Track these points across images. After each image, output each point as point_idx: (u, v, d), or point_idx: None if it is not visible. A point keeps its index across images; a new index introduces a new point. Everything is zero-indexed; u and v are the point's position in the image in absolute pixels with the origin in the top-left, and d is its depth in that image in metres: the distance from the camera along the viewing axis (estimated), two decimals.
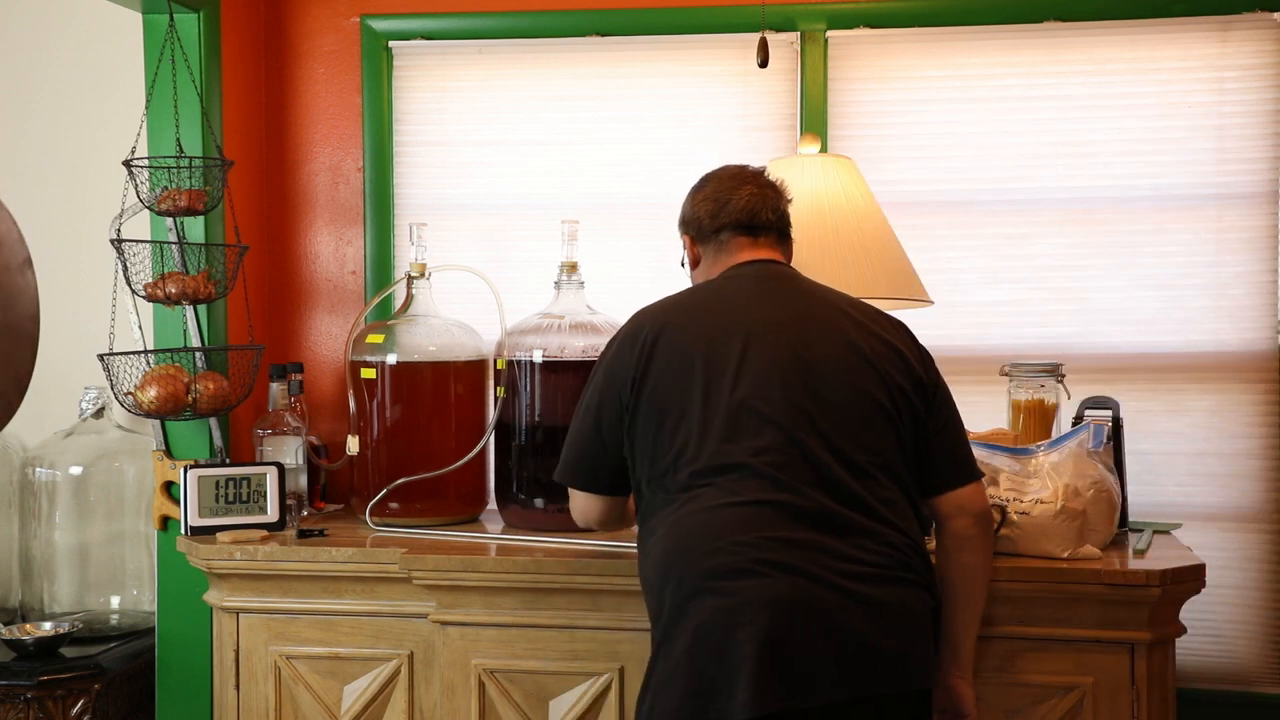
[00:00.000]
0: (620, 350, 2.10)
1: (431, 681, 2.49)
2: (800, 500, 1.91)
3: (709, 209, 2.19)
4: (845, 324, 2.06)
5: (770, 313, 2.06)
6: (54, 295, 2.93)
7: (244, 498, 2.66)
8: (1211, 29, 2.89)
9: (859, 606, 1.87)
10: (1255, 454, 2.89)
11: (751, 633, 1.83)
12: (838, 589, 1.87)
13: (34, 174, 3.18)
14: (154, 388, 2.59)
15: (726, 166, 2.25)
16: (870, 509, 1.95)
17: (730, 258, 2.18)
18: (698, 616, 1.88)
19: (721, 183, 2.21)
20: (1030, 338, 2.96)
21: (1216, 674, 2.90)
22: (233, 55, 2.96)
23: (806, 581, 1.86)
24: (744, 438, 1.95)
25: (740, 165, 2.24)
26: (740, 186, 2.19)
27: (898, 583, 1.92)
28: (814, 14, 2.98)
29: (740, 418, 1.96)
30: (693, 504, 1.95)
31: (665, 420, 2.01)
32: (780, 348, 2.01)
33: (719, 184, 2.21)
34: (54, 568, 2.96)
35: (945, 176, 2.99)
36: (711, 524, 1.91)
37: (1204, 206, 2.90)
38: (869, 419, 2.00)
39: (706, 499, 1.94)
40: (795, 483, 1.92)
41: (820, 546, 1.89)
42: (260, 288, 3.09)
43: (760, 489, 1.92)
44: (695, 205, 2.22)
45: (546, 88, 3.11)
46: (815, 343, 2.02)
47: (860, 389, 2.00)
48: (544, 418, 2.69)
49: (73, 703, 2.65)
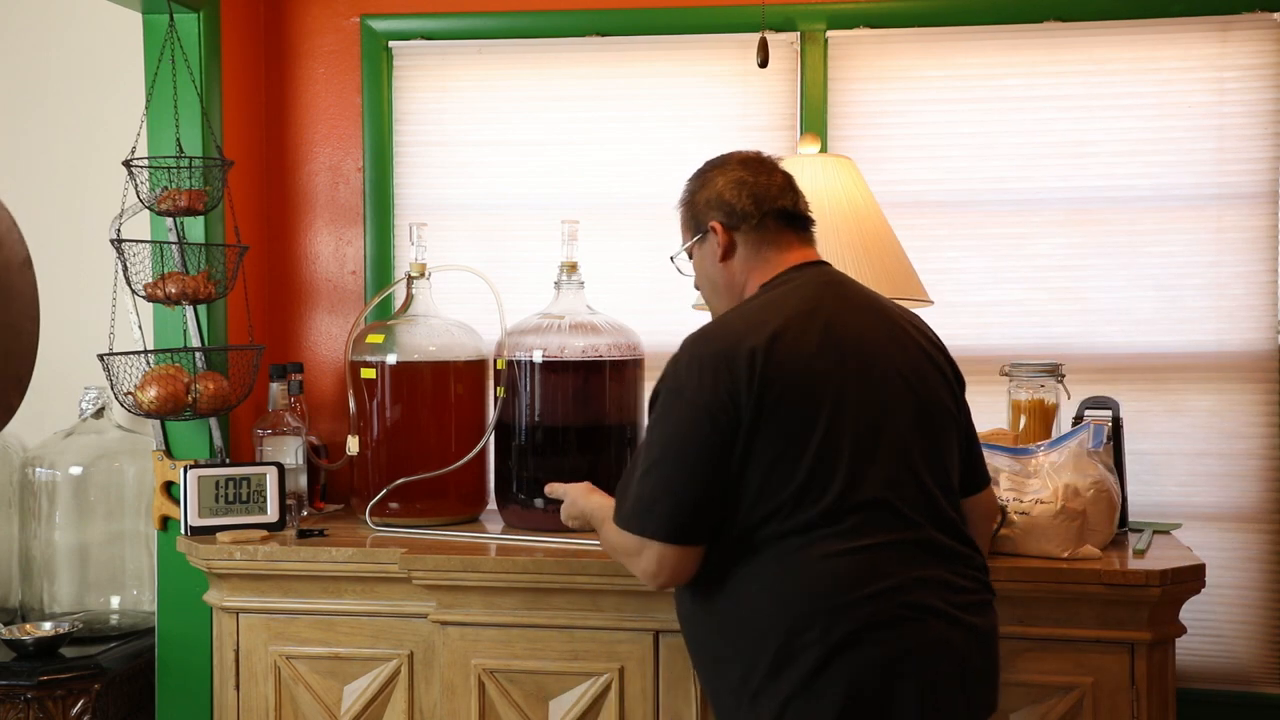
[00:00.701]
0: (714, 377, 1.81)
1: (431, 681, 2.48)
2: (921, 534, 1.82)
3: (749, 193, 1.98)
4: (912, 332, 1.97)
5: (863, 328, 1.90)
6: (54, 295, 2.92)
7: (244, 498, 2.66)
8: (1211, 29, 2.89)
9: (973, 638, 1.83)
10: (1255, 454, 2.89)
11: (911, 684, 1.75)
12: (961, 624, 1.81)
13: (34, 174, 3.18)
14: (154, 388, 2.59)
15: (737, 151, 2.07)
16: (960, 533, 1.89)
17: (781, 255, 1.98)
18: (851, 670, 1.75)
19: (748, 166, 2.02)
20: (1030, 338, 2.95)
21: (1216, 674, 2.90)
22: (233, 55, 2.96)
23: (943, 623, 1.79)
24: (870, 470, 1.80)
25: (753, 150, 2.08)
26: (772, 173, 2.02)
27: (986, 607, 1.88)
28: (814, 14, 2.98)
29: (864, 447, 1.81)
30: (823, 545, 1.77)
31: (785, 453, 1.79)
32: (886, 367, 1.87)
33: (746, 168, 2.02)
34: (54, 568, 2.96)
35: (945, 176, 2.99)
36: (853, 569, 1.77)
37: (1204, 206, 2.90)
38: (949, 436, 1.93)
39: (839, 540, 1.77)
40: (917, 516, 1.82)
41: (942, 581, 1.81)
42: (260, 288, 3.09)
43: (891, 526, 1.80)
44: (725, 189, 1.99)
45: (546, 88, 3.11)
46: (908, 360, 1.91)
47: (944, 405, 1.93)
48: (544, 418, 2.69)
49: (73, 703, 2.65)
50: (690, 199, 2.04)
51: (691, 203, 2.04)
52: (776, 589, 1.78)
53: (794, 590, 1.77)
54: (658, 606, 2.38)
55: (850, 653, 1.75)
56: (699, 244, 2.04)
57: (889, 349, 1.90)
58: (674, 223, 2.22)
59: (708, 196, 2.01)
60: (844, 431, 1.80)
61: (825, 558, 1.77)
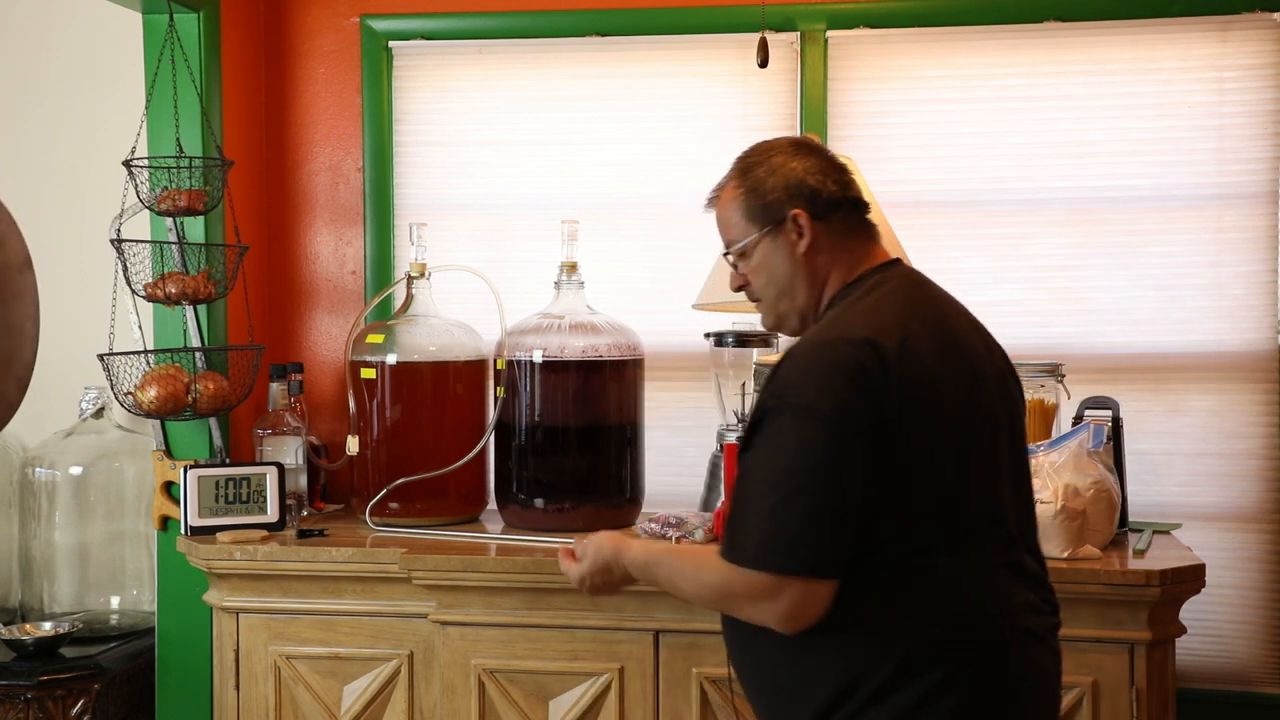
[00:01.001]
0: (853, 388, 1.60)
1: (431, 681, 2.48)
2: (1019, 554, 1.72)
3: (833, 179, 1.77)
4: (989, 337, 1.84)
5: (960, 333, 1.75)
6: (54, 295, 2.92)
7: (244, 498, 2.66)
8: (1211, 29, 2.89)
9: (1056, 664, 1.76)
10: (1255, 454, 2.89)
11: (1022, 710, 1.67)
12: (1050, 649, 1.74)
13: (34, 174, 3.18)
14: (154, 388, 2.59)
15: (780, 137, 1.86)
16: (1040, 554, 1.79)
17: (866, 249, 1.79)
18: (969, 694, 1.63)
19: (815, 151, 1.81)
20: (1030, 338, 2.95)
21: (1216, 674, 2.90)
22: (233, 55, 2.96)
23: (1040, 647, 1.71)
24: (987, 485, 1.68)
25: (798, 135, 1.90)
26: (836, 157, 1.82)
27: (1057, 631, 1.79)
28: (814, 14, 2.98)
29: (982, 462, 1.68)
30: (947, 565, 1.64)
31: (917, 466, 1.63)
32: (987, 376, 1.74)
33: (815, 153, 1.80)
34: (54, 568, 2.96)
35: (945, 176, 2.98)
36: (976, 590, 1.65)
37: (1204, 206, 2.90)
38: (1025, 449, 1.84)
39: (961, 559, 1.65)
40: (1016, 534, 1.72)
41: (1033, 605, 1.72)
42: (260, 288, 3.09)
43: (1003, 545, 1.69)
44: (806, 174, 1.75)
45: (546, 88, 3.10)
46: (996, 368, 1.78)
47: (1022, 417, 1.82)
48: (544, 418, 2.69)
49: (73, 703, 2.65)
50: (758, 186, 1.77)
51: (759, 190, 1.77)
52: (894, 612, 1.62)
53: (916, 612, 1.62)
54: (658, 606, 2.38)
55: (970, 672, 1.63)
56: (769, 236, 1.77)
57: (985, 357, 1.76)
58: (672, 223, 2.19)
59: (783, 181, 1.75)
60: (967, 445, 1.66)
61: (950, 579, 1.64)
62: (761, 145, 1.82)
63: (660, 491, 2.91)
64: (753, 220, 1.78)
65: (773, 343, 2.80)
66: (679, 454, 3.02)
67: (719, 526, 2.47)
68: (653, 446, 2.89)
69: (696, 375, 3.01)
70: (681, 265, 2.98)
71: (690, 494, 2.87)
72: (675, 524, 2.55)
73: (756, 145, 1.83)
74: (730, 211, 1.82)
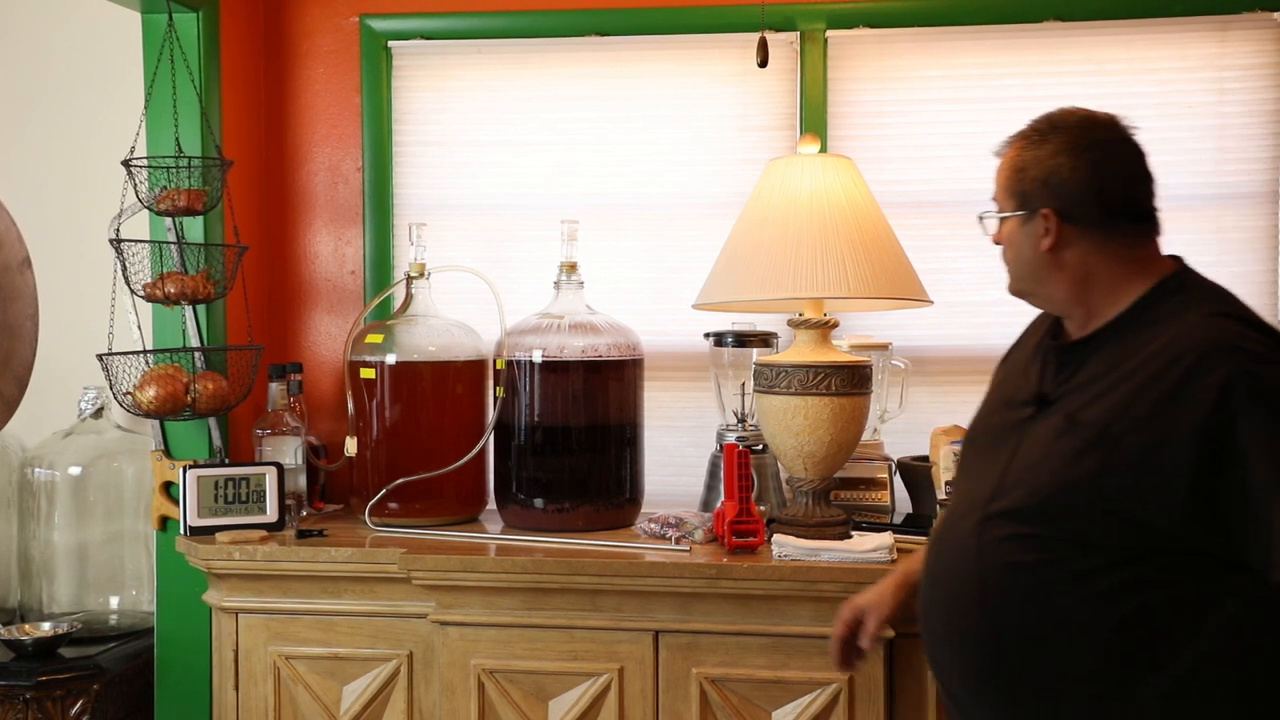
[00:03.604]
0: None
1: (431, 682, 2.48)
2: None
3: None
4: None
5: None
6: (53, 295, 2.93)
7: (243, 498, 2.65)
8: (1211, 29, 2.89)
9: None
10: None
11: None
12: None
13: (33, 174, 3.18)
14: (153, 388, 2.59)
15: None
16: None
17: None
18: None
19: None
20: None
21: None
22: (232, 55, 2.96)
23: None
24: None
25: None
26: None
27: None
28: (814, 14, 2.98)
29: None
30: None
31: None
32: None
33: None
34: (53, 568, 2.96)
35: (945, 176, 2.98)
36: None
37: (1204, 206, 2.90)
38: None
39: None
40: None
41: None
42: (259, 288, 3.09)
43: None
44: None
45: (546, 88, 3.10)
46: None
47: None
48: (543, 418, 2.68)
49: (72, 703, 2.64)
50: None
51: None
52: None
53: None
54: (657, 606, 2.38)
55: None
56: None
57: None
58: (671, 223, 2.17)
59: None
60: None
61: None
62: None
63: (660, 491, 2.91)
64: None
65: (772, 343, 2.80)
66: (679, 454, 3.02)
67: (719, 527, 2.48)
68: (652, 446, 2.89)
69: (696, 375, 3.01)
70: (681, 265, 2.99)
71: (690, 494, 2.87)
72: (675, 524, 2.55)
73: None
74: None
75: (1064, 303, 1.77)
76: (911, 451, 2.77)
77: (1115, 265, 1.71)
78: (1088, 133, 1.72)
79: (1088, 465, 1.59)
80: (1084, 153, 1.70)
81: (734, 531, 2.43)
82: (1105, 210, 1.70)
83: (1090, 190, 1.69)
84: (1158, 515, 1.55)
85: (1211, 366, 1.54)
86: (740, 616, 2.37)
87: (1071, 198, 1.70)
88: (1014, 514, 1.66)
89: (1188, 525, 1.54)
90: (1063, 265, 1.74)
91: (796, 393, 2.45)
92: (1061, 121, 1.74)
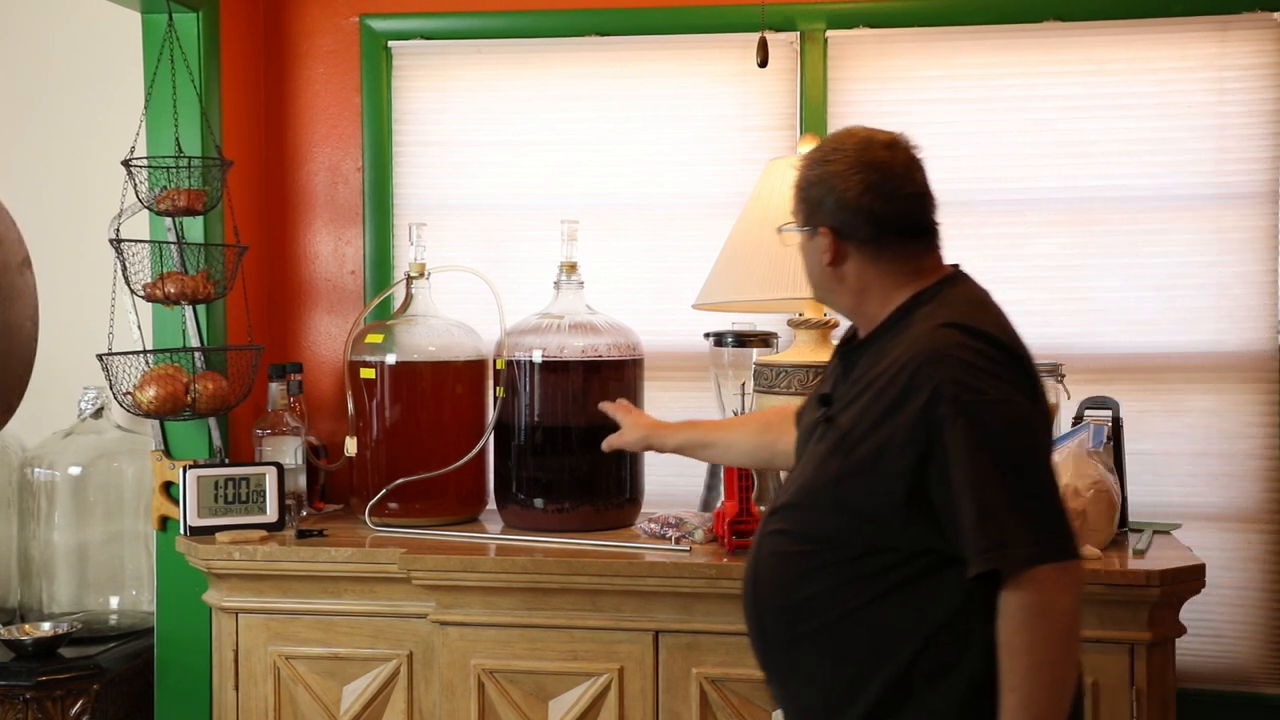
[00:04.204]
0: (1032, 371, 1.75)
1: (431, 682, 2.48)
2: None
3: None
4: None
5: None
6: (53, 295, 2.92)
7: (243, 498, 2.65)
8: (1211, 29, 2.89)
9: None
10: (1255, 454, 2.89)
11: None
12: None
13: (33, 174, 3.18)
14: (153, 388, 2.59)
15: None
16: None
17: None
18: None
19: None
20: (1030, 338, 2.88)
21: (1216, 674, 2.90)
22: (232, 55, 2.96)
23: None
24: None
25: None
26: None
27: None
28: (814, 14, 2.98)
29: None
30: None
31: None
32: None
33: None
34: (53, 568, 2.96)
35: (944, 176, 2.91)
36: None
37: (1204, 206, 2.90)
38: None
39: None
40: None
41: None
42: (259, 288, 3.09)
43: None
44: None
45: (546, 88, 3.10)
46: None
47: None
48: (543, 418, 2.68)
49: (72, 703, 2.64)
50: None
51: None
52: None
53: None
54: (657, 606, 2.38)
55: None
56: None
57: None
58: (671, 222, 2.17)
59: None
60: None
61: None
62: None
63: (659, 491, 2.90)
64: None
65: (772, 343, 2.80)
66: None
67: (719, 526, 2.47)
68: None
69: (696, 375, 3.01)
70: (681, 265, 2.99)
71: (689, 494, 2.87)
72: (675, 524, 2.55)
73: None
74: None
75: (848, 310, 1.88)
76: None
77: (889, 277, 1.81)
78: (863, 154, 1.81)
79: (831, 468, 1.72)
80: (857, 174, 1.80)
81: (734, 531, 2.43)
82: (877, 227, 1.80)
83: (862, 209, 1.79)
84: (885, 515, 1.67)
85: (928, 375, 1.65)
86: (740, 616, 2.36)
87: (846, 216, 1.80)
88: (784, 509, 1.81)
89: (910, 524, 1.66)
90: (843, 278, 1.84)
91: (796, 393, 2.45)
92: (841, 144, 1.84)
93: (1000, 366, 1.67)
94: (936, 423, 1.62)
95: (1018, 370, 1.70)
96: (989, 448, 1.61)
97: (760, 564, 1.82)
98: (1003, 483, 1.60)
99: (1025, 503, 1.60)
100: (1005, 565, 1.58)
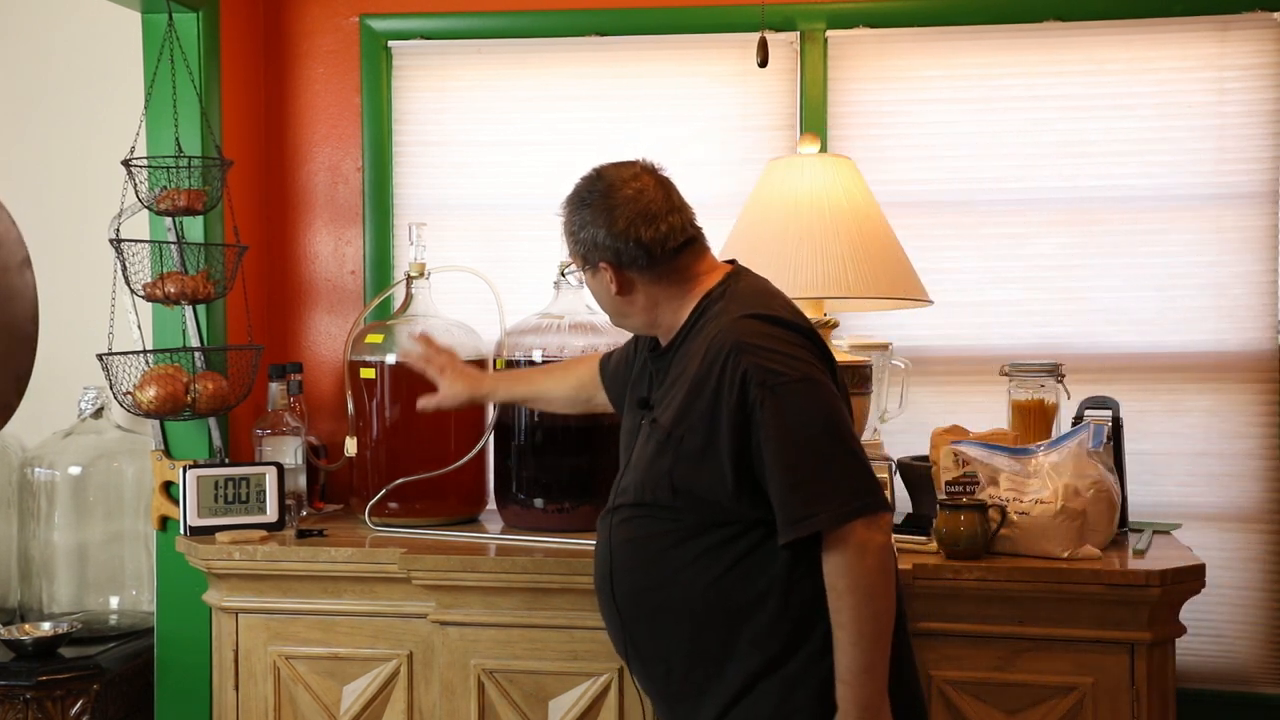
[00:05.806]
0: (823, 346, 1.93)
1: (431, 682, 2.48)
2: None
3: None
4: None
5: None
6: (53, 295, 2.92)
7: (243, 498, 2.65)
8: (1211, 29, 2.89)
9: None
10: (1255, 454, 2.89)
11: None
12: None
13: (33, 174, 3.18)
14: (153, 387, 2.59)
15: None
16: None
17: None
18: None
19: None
20: (1029, 338, 2.95)
21: (1216, 674, 2.90)
22: (232, 55, 2.96)
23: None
24: None
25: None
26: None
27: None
28: (814, 14, 2.98)
29: None
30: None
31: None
32: None
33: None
34: (53, 568, 2.96)
35: (945, 176, 2.98)
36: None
37: (1204, 206, 2.90)
38: None
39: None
40: None
41: None
42: (260, 288, 3.09)
43: None
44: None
45: (546, 88, 3.10)
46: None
47: None
48: (543, 418, 2.68)
49: (72, 703, 2.64)
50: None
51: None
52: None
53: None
54: None
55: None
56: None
57: None
58: None
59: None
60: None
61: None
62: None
63: None
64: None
65: None
66: None
67: None
68: None
69: None
70: None
71: None
72: None
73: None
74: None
75: (646, 327, 2.04)
76: (911, 451, 2.76)
77: (674, 288, 1.99)
78: (610, 195, 1.99)
79: (664, 463, 1.90)
80: (611, 213, 1.97)
81: None
82: (650, 252, 1.96)
83: (632, 240, 1.95)
84: (719, 494, 1.86)
85: (737, 363, 1.83)
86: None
87: (620, 248, 1.96)
88: (628, 505, 1.98)
89: (739, 500, 1.85)
90: (634, 301, 2.01)
91: None
92: (589, 189, 2.01)
93: (797, 348, 1.86)
94: (749, 406, 1.81)
95: (811, 348, 1.88)
96: (795, 424, 1.80)
97: (614, 552, 1.98)
98: (810, 453, 1.80)
99: (832, 468, 1.80)
100: (818, 529, 1.78)
